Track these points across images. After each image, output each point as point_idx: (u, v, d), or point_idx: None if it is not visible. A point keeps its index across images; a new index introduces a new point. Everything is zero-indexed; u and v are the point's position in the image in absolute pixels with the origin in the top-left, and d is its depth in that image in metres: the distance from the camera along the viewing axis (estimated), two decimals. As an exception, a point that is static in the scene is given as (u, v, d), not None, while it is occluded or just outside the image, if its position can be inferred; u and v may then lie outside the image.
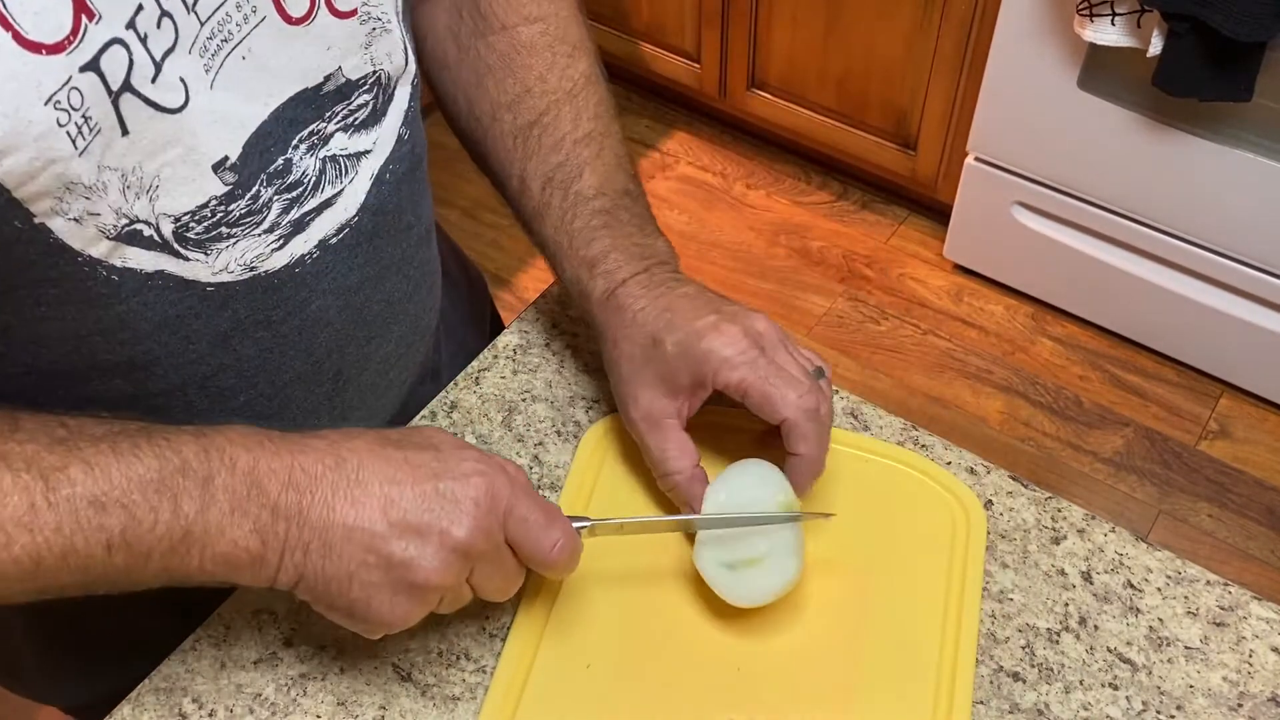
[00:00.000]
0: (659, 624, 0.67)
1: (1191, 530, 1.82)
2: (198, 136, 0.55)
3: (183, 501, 0.53)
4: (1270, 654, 0.67)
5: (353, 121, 0.63)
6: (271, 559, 0.55)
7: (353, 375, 0.71)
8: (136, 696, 0.65)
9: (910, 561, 0.70)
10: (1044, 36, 1.74)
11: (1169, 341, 1.99)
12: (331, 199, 0.63)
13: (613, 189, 0.74)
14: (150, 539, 0.53)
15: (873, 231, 2.24)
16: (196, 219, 0.57)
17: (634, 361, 0.68)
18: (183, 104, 0.54)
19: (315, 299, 0.65)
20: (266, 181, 0.60)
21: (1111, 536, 0.72)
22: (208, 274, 0.59)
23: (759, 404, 0.65)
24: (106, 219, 0.53)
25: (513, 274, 2.13)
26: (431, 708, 0.64)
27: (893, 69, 2.01)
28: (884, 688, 0.65)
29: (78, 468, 0.52)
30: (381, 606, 0.57)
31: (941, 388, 2.00)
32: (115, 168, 0.52)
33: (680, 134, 2.43)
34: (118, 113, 0.51)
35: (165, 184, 0.55)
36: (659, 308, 0.68)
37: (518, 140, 0.74)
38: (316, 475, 0.56)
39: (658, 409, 0.68)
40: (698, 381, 0.67)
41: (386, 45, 0.64)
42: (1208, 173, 1.73)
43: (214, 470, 0.55)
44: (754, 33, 2.14)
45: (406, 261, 0.71)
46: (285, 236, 0.62)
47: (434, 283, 0.77)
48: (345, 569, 0.56)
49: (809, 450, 0.66)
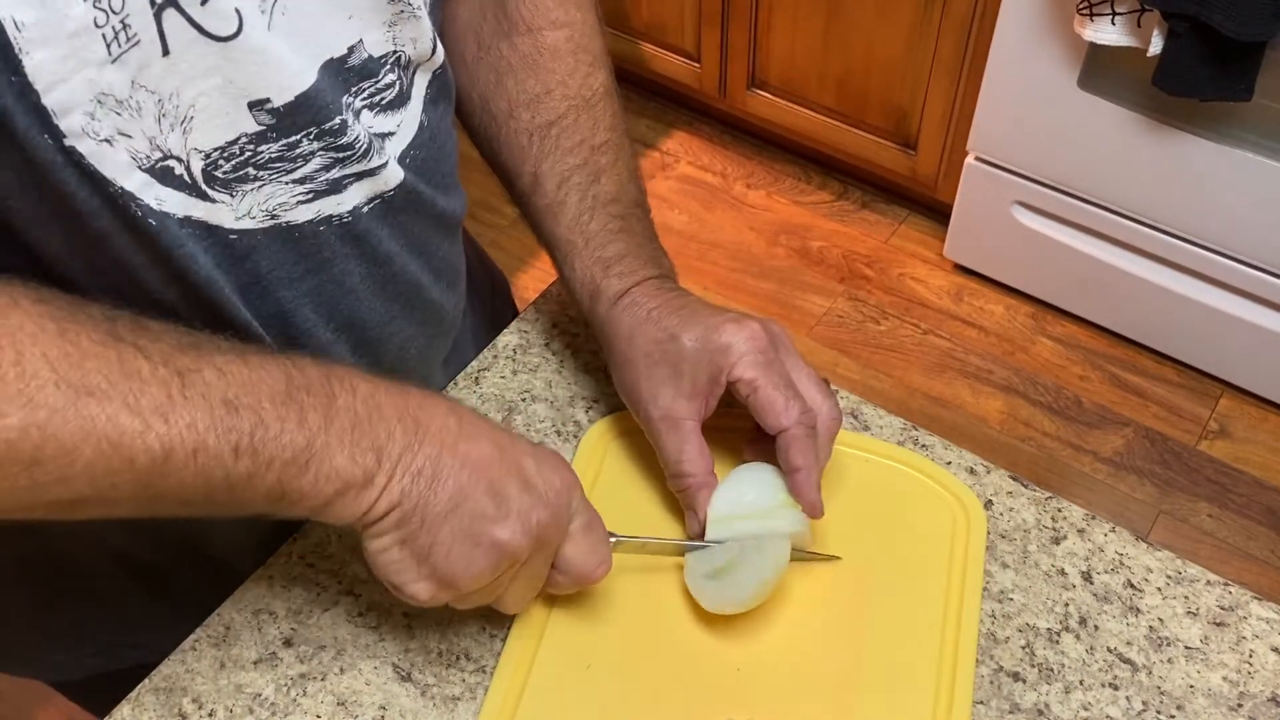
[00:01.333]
0: (659, 624, 0.67)
1: (1191, 530, 1.82)
2: (241, 70, 0.55)
3: (308, 414, 0.54)
4: (1270, 654, 0.67)
5: (379, 101, 0.64)
6: (380, 480, 0.56)
7: (370, 353, 0.71)
8: (136, 696, 0.65)
9: (910, 562, 0.70)
10: (1044, 36, 1.74)
11: (1169, 341, 1.99)
12: (376, 170, 0.64)
13: (627, 199, 0.75)
14: (274, 447, 0.53)
15: (873, 231, 2.24)
16: (225, 155, 0.57)
17: (650, 358, 0.68)
18: (233, 34, 0.53)
19: (338, 261, 0.65)
20: (316, 136, 0.60)
21: (1111, 536, 0.72)
22: (231, 219, 0.59)
23: (763, 407, 0.65)
24: (139, 145, 0.53)
25: (513, 274, 2.13)
26: (431, 708, 0.64)
27: (893, 69, 2.01)
28: (884, 688, 0.65)
29: (210, 371, 0.53)
30: (459, 555, 0.57)
31: (941, 388, 2.01)
32: (152, 90, 0.52)
33: (680, 134, 2.43)
34: (159, 28, 0.51)
35: (200, 115, 0.55)
36: (674, 307, 0.69)
37: (534, 138, 0.75)
38: (434, 413, 0.58)
39: (678, 409, 0.68)
40: (714, 377, 0.67)
41: (413, 30, 0.64)
42: (1208, 173, 1.73)
43: (337, 391, 0.56)
44: (754, 32, 2.14)
45: (432, 248, 0.72)
46: (317, 192, 0.62)
47: (456, 279, 0.77)
48: (445, 503, 0.57)
49: (805, 464, 0.65)
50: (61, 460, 0.49)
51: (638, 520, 0.72)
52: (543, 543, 0.60)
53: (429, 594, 0.59)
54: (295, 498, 0.55)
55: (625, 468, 0.74)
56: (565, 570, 0.63)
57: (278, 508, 0.56)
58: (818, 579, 0.69)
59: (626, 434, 0.75)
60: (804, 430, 0.65)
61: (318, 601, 0.68)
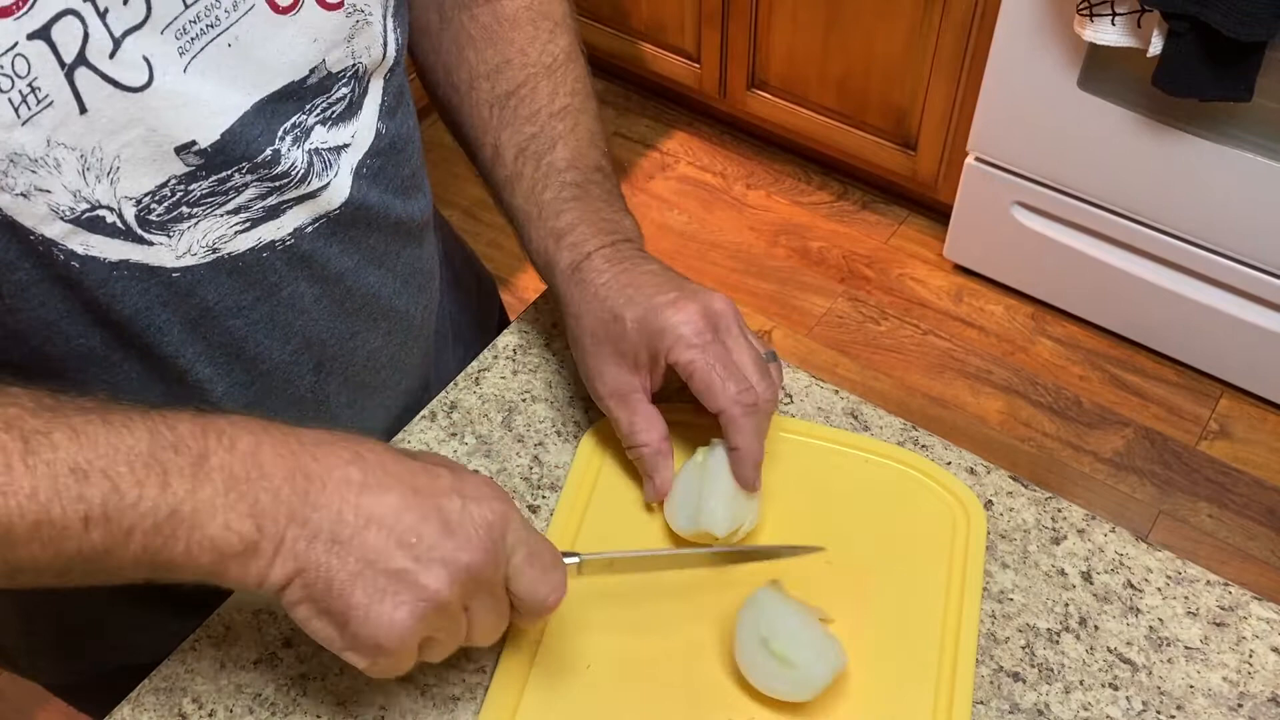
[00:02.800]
0: (658, 624, 0.67)
1: (1191, 530, 1.82)
2: (161, 117, 0.54)
3: (172, 478, 0.50)
4: (1270, 654, 0.67)
5: (331, 114, 0.63)
6: (266, 548, 0.51)
7: (336, 369, 0.71)
8: (136, 696, 0.65)
9: (910, 561, 0.70)
10: (1044, 36, 1.74)
11: (1169, 341, 1.99)
12: (317, 191, 0.63)
13: (585, 164, 0.75)
14: (133, 515, 0.49)
15: (873, 231, 2.24)
16: (157, 199, 0.56)
17: (595, 337, 0.69)
18: (145, 83, 0.53)
19: (286, 285, 0.65)
20: (249, 170, 0.59)
21: (1111, 536, 0.72)
22: (171, 258, 0.58)
23: (701, 389, 0.66)
24: (60, 199, 0.52)
25: (513, 274, 2.13)
26: (431, 708, 0.64)
27: (893, 69, 2.01)
28: (884, 688, 0.65)
29: (62, 433, 0.49)
30: (382, 617, 0.52)
31: (941, 388, 2.00)
32: (73, 146, 0.51)
33: (680, 134, 2.43)
34: (73, 87, 0.50)
35: (126, 165, 0.54)
36: (621, 284, 0.69)
37: (494, 109, 0.75)
38: (331, 467, 0.53)
39: (623, 384, 0.69)
40: (653, 357, 0.68)
41: (366, 39, 0.63)
42: (1208, 173, 1.73)
43: (210, 449, 0.51)
44: (754, 32, 2.14)
45: (392, 256, 0.71)
46: (254, 220, 0.61)
47: (426, 283, 0.77)
48: (353, 567, 0.52)
49: (745, 444, 0.66)
50: None
51: (638, 519, 0.72)
52: (478, 585, 0.55)
53: (364, 662, 0.54)
54: (170, 567, 0.51)
55: (625, 468, 0.74)
56: (517, 605, 0.58)
57: (162, 575, 0.52)
58: (818, 579, 0.69)
59: (626, 434, 0.76)
60: (741, 410, 0.66)
61: (318, 601, 0.68)
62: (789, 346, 2.07)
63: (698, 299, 0.67)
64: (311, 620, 0.54)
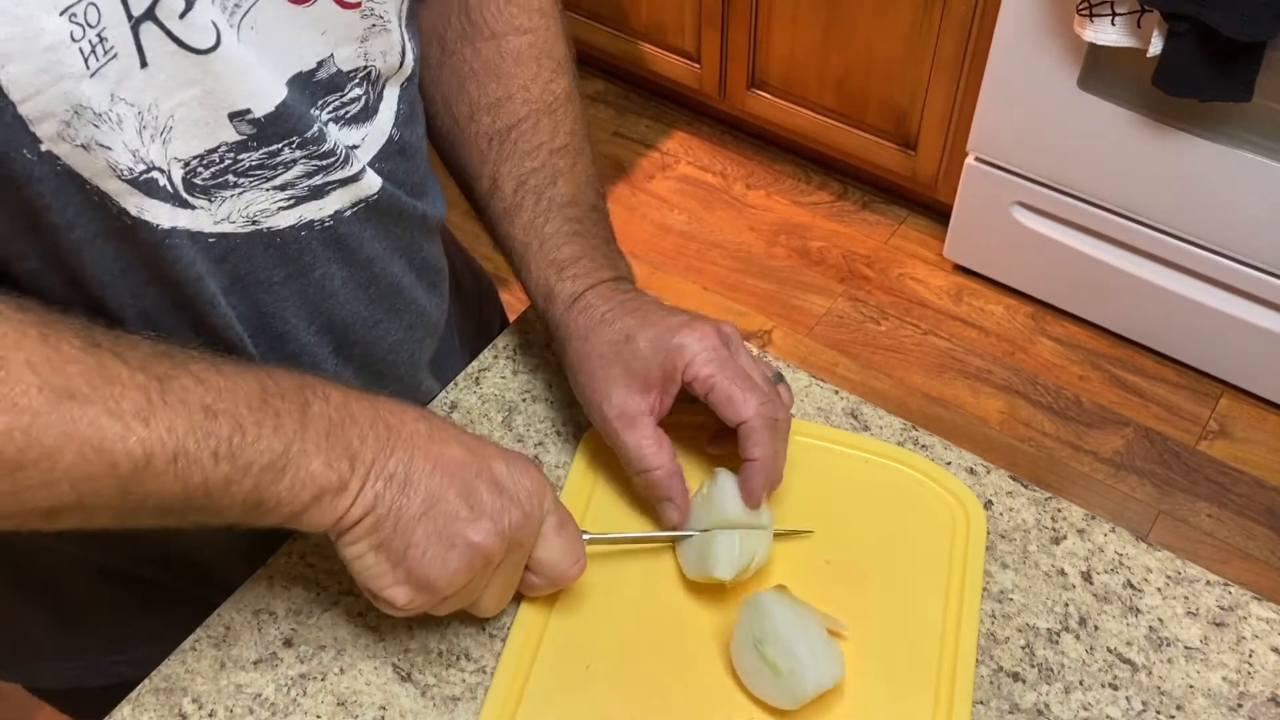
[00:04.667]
0: (659, 624, 0.67)
1: (1191, 530, 1.82)
2: (221, 81, 0.55)
3: (284, 420, 0.55)
4: (1270, 654, 0.67)
5: (345, 114, 0.64)
6: (354, 485, 0.57)
7: (355, 354, 0.71)
8: (136, 697, 0.65)
9: (910, 562, 0.70)
10: (1044, 36, 1.74)
11: (1169, 341, 1.99)
12: (357, 175, 0.64)
13: (584, 201, 0.76)
14: (252, 452, 0.54)
15: (873, 231, 2.24)
16: (205, 163, 0.57)
17: (604, 359, 0.69)
18: (212, 46, 0.54)
19: (319, 265, 0.65)
20: (298, 145, 0.60)
21: (1111, 536, 0.72)
22: (209, 223, 0.59)
23: (722, 402, 0.66)
24: (120, 157, 0.53)
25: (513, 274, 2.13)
26: (431, 708, 0.64)
27: (893, 69, 2.01)
28: (884, 688, 0.65)
29: (188, 377, 0.53)
30: (435, 558, 0.58)
31: (941, 388, 2.00)
32: (132, 102, 0.52)
33: (680, 134, 2.43)
34: (137, 40, 0.50)
35: (179, 125, 0.55)
36: (628, 309, 0.70)
37: (493, 142, 0.76)
38: (404, 418, 0.59)
39: (631, 406, 0.68)
40: (669, 375, 0.67)
41: (383, 44, 0.64)
42: (1208, 173, 1.73)
43: (310, 398, 0.57)
44: (754, 33, 2.14)
45: (414, 249, 0.72)
46: (298, 198, 0.62)
47: (438, 280, 0.78)
48: (418, 506, 0.58)
49: (763, 455, 0.66)
50: (44, 464, 0.49)
51: (638, 520, 0.72)
52: (516, 544, 0.61)
53: (406, 598, 0.59)
54: (272, 504, 0.56)
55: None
56: (540, 571, 0.64)
57: (254, 515, 0.56)
58: (818, 579, 0.69)
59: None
60: (763, 420, 0.66)
61: (318, 601, 0.68)
62: (789, 346, 2.07)
63: (709, 321, 0.69)
64: (367, 555, 0.58)
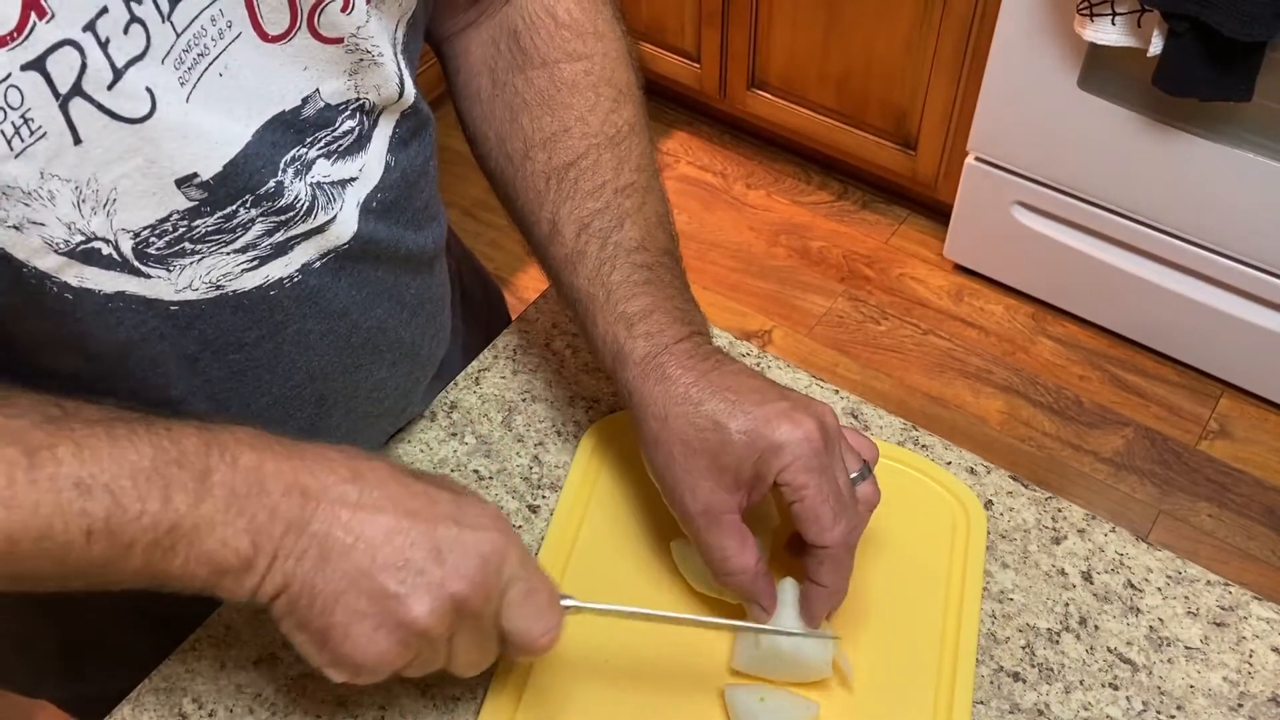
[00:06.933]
0: (659, 625, 0.67)
1: (1191, 530, 1.82)
2: (161, 149, 0.52)
3: (174, 493, 0.50)
4: (1270, 654, 0.67)
5: (336, 148, 0.61)
6: (260, 564, 0.52)
7: (339, 401, 0.68)
8: (136, 696, 0.65)
9: (910, 562, 0.70)
10: (1044, 36, 1.74)
11: (1169, 341, 1.99)
12: (324, 225, 0.61)
13: (655, 246, 0.69)
14: (134, 529, 0.50)
15: (873, 231, 2.24)
16: (157, 233, 0.54)
17: (689, 447, 0.62)
18: (146, 114, 0.51)
19: (293, 322, 0.62)
20: (253, 203, 0.57)
21: (1111, 536, 0.72)
22: (170, 292, 0.56)
23: (807, 519, 0.60)
24: (55, 231, 0.51)
25: (513, 274, 2.13)
26: (431, 708, 0.64)
27: (893, 69, 2.01)
28: (884, 688, 0.65)
29: (66, 447, 0.49)
30: (360, 638, 0.53)
31: (941, 388, 2.00)
32: (67, 178, 0.50)
33: (680, 134, 2.43)
34: (67, 118, 0.49)
35: (123, 197, 0.52)
36: (715, 385, 0.62)
37: (551, 181, 0.69)
38: (327, 485, 0.53)
39: (717, 503, 0.61)
40: (761, 475, 0.60)
41: (375, 78, 0.61)
42: (1208, 173, 1.73)
43: (213, 465, 0.52)
44: (754, 32, 2.14)
45: (401, 288, 0.68)
46: (262, 258, 0.59)
47: (436, 310, 0.74)
48: (336, 586, 0.53)
49: (835, 584, 0.62)
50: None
51: (638, 520, 0.72)
52: (465, 616, 0.55)
53: (341, 677, 0.55)
54: (167, 580, 0.52)
55: (625, 468, 0.74)
56: (506, 639, 0.57)
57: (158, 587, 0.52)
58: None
59: (626, 434, 0.75)
60: (844, 551, 0.61)
61: (318, 601, 0.68)
62: (789, 346, 2.07)
63: (811, 412, 0.61)
64: (294, 634, 0.55)
